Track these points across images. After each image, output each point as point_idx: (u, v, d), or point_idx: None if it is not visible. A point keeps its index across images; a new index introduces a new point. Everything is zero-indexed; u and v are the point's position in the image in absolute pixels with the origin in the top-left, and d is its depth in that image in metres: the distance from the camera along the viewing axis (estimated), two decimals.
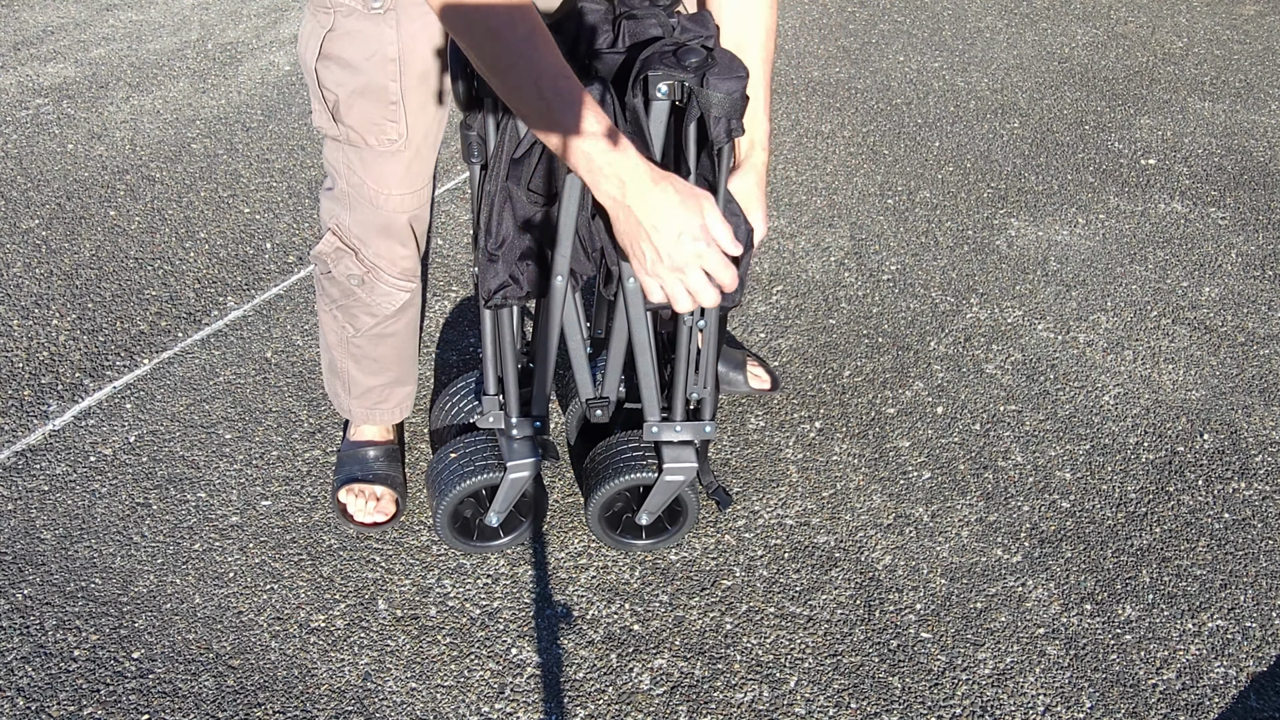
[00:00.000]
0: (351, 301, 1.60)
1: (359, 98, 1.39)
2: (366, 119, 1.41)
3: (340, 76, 1.38)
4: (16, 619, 1.62)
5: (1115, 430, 2.01)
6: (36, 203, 2.61)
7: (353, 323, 1.63)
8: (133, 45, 3.45)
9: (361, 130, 1.42)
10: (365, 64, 1.36)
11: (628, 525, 1.72)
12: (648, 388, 1.58)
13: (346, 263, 1.56)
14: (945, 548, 1.77)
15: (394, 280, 1.58)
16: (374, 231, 1.52)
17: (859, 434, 1.99)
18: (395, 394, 1.77)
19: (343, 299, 1.61)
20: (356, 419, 1.80)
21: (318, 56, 1.38)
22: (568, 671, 1.57)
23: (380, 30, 1.35)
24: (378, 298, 1.59)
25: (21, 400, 2.02)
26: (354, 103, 1.39)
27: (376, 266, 1.56)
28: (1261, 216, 2.64)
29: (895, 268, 2.44)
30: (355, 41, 1.36)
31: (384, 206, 1.49)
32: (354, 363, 1.70)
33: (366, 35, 1.35)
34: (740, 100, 1.28)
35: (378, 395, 1.76)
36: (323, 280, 1.61)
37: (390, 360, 1.70)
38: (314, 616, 1.64)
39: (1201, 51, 3.53)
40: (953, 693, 1.55)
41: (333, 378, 1.77)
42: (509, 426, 1.61)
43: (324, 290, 1.63)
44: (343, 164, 1.48)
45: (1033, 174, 2.81)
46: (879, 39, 3.59)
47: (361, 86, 1.38)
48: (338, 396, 1.78)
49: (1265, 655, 1.62)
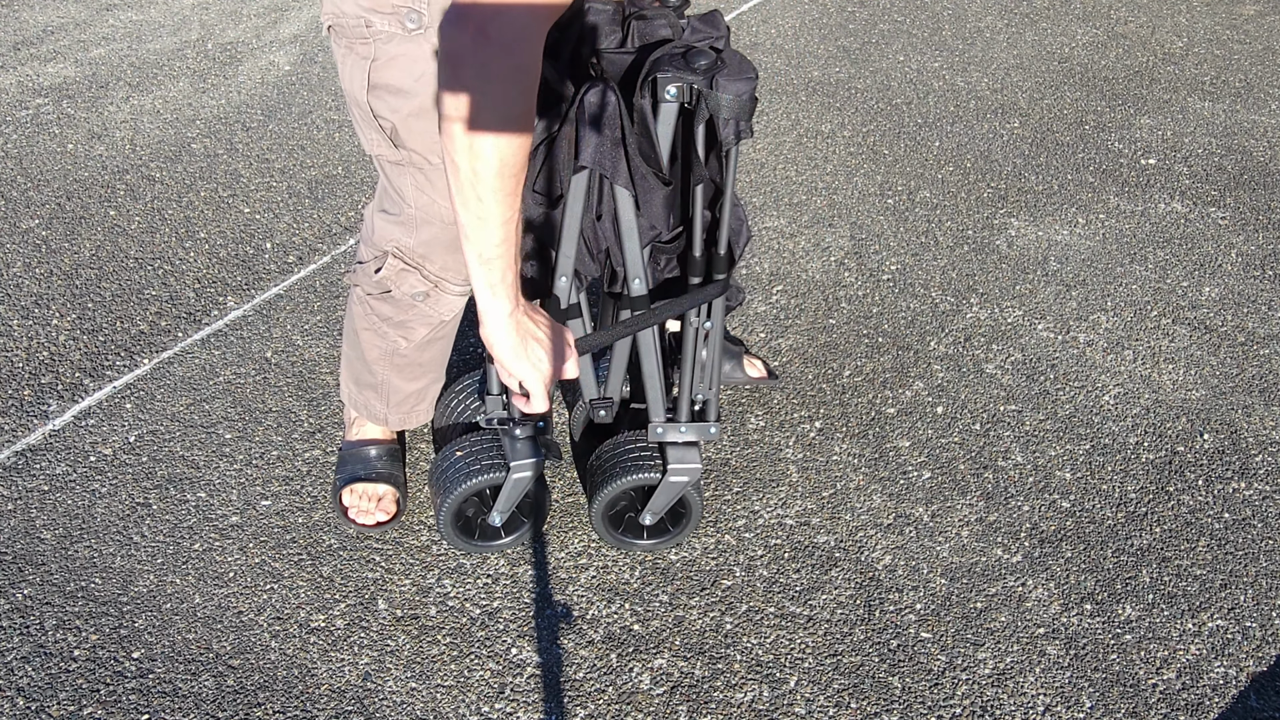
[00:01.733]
0: (411, 316, 1.60)
1: (415, 120, 1.38)
2: (427, 139, 1.40)
3: (394, 103, 1.37)
4: (16, 619, 1.62)
5: (1115, 430, 2.01)
6: (36, 203, 2.61)
7: (407, 335, 1.63)
8: (133, 45, 3.45)
9: (424, 151, 1.41)
10: (415, 86, 1.35)
11: (630, 525, 1.72)
12: (653, 389, 1.58)
13: (411, 281, 1.55)
14: (945, 548, 1.77)
15: (457, 289, 1.58)
16: (442, 248, 1.51)
17: (859, 434, 1.99)
18: (430, 394, 1.78)
19: (399, 316, 1.60)
20: (392, 425, 1.79)
21: (368, 89, 1.37)
22: (568, 671, 1.57)
23: (422, 49, 1.34)
24: (441, 308, 1.59)
25: (21, 400, 2.02)
26: (412, 125, 1.38)
27: (443, 280, 1.55)
28: (1261, 216, 2.64)
29: (895, 268, 2.44)
30: (401, 66, 1.34)
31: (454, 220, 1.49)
32: (397, 372, 1.69)
33: (411, 57, 1.34)
34: (749, 101, 1.28)
35: (416, 399, 1.76)
36: (372, 302, 1.60)
37: (435, 362, 1.71)
38: (314, 616, 1.64)
39: (1201, 51, 3.53)
40: (953, 692, 1.55)
41: (363, 390, 1.75)
42: (511, 426, 1.61)
43: (372, 310, 1.61)
44: (410, 187, 1.47)
45: (1033, 174, 2.81)
46: (879, 39, 3.59)
47: (416, 109, 1.37)
48: (369, 407, 1.77)
49: (1265, 655, 1.62)
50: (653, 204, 1.39)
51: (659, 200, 1.39)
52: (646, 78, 1.30)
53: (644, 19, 1.36)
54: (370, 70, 1.36)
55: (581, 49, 1.39)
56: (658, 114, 1.32)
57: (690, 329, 1.52)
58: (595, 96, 1.29)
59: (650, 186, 1.38)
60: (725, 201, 1.39)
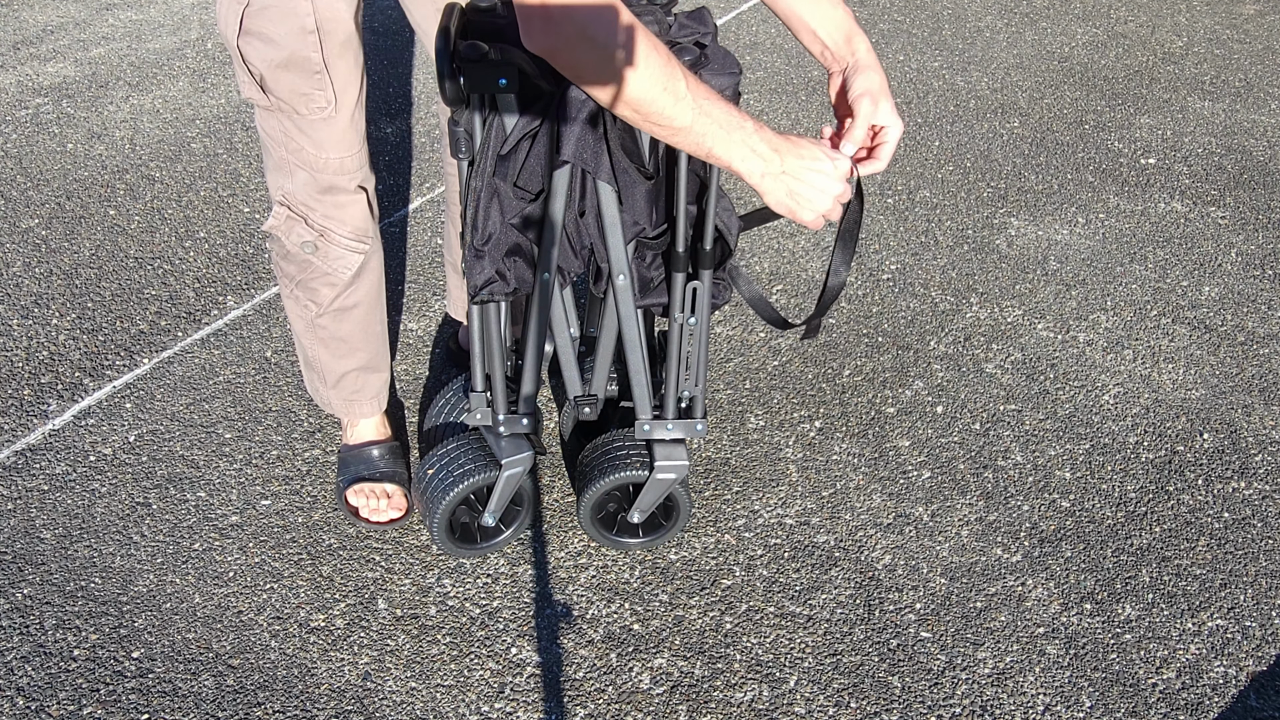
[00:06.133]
0: (310, 274, 1.60)
1: (283, 71, 1.40)
2: (294, 90, 1.42)
3: (263, 50, 1.39)
4: (16, 619, 1.62)
5: (1115, 430, 2.01)
6: (36, 202, 2.61)
7: (314, 298, 1.63)
8: (133, 45, 3.45)
9: (291, 101, 1.43)
10: (285, 37, 1.37)
11: (623, 524, 1.72)
12: (639, 385, 1.57)
13: (298, 230, 1.56)
14: (945, 547, 1.77)
15: (347, 241, 1.58)
16: (318, 193, 1.53)
17: (859, 433, 1.99)
18: (370, 382, 1.77)
19: (300, 274, 1.61)
20: (338, 411, 1.80)
21: (239, 33, 1.39)
22: (567, 671, 1.57)
23: (295, 4, 1.36)
24: (333, 262, 1.59)
25: (21, 400, 2.02)
26: (279, 76, 1.40)
27: (327, 229, 1.56)
28: (1261, 216, 2.64)
29: (895, 267, 2.44)
30: (273, 16, 1.36)
31: (326, 169, 1.51)
32: (323, 346, 1.70)
33: (283, 8, 1.36)
34: (733, 97, 1.28)
35: (353, 383, 1.75)
36: (280, 262, 1.62)
37: (357, 338, 1.71)
38: (314, 616, 1.64)
39: (1201, 51, 3.53)
40: (952, 692, 1.55)
41: (310, 372, 1.77)
42: (496, 424, 1.60)
43: (283, 272, 1.63)
44: (279, 131, 1.49)
45: (1032, 173, 2.81)
46: (879, 39, 3.59)
47: (284, 60, 1.39)
48: (317, 391, 1.79)
49: (1265, 655, 1.62)
50: (636, 199, 1.39)
51: (642, 195, 1.39)
52: None
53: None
54: (244, 14, 1.37)
55: None
56: None
57: (675, 325, 1.52)
58: (577, 91, 1.29)
59: (633, 181, 1.37)
60: (710, 196, 1.39)
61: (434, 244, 2.49)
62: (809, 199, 1.27)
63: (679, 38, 1.34)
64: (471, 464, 1.62)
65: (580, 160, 1.34)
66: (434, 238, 2.51)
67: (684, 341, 1.54)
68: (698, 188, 1.43)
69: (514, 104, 1.31)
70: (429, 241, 2.50)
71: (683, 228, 1.42)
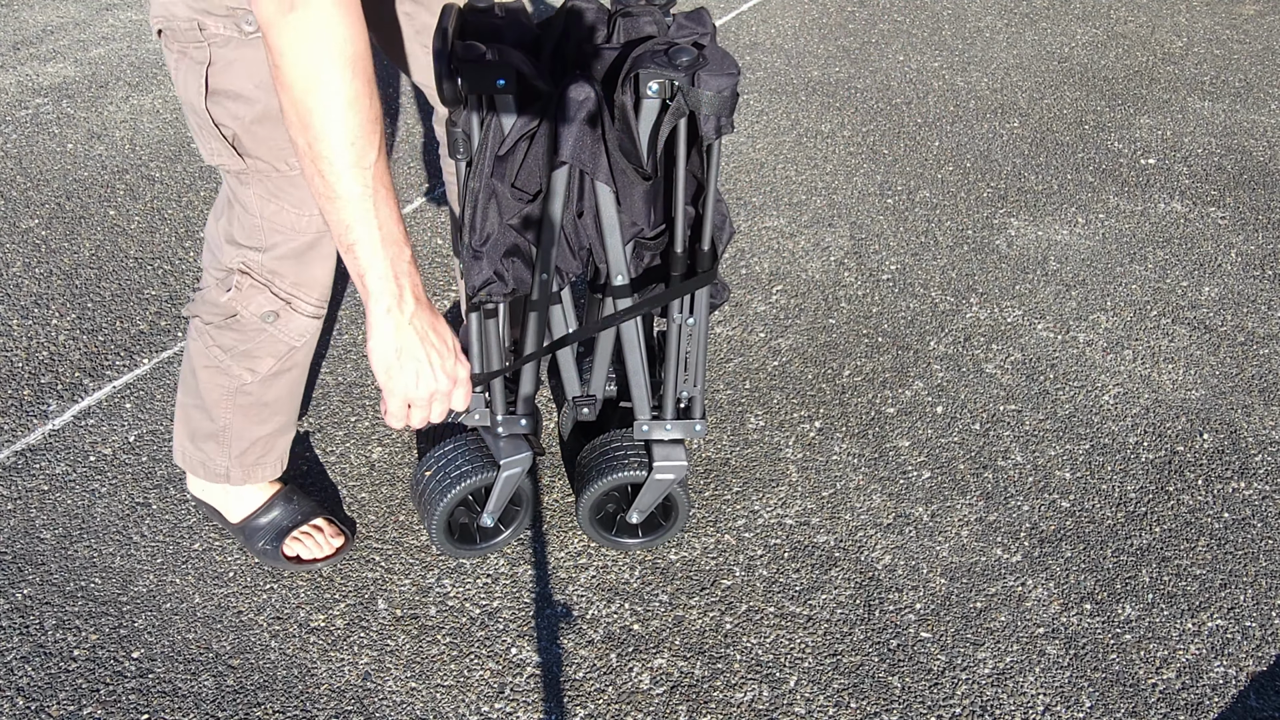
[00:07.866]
0: (258, 344, 1.50)
1: (259, 126, 1.32)
2: (273, 145, 1.34)
3: (235, 109, 1.31)
4: (16, 619, 1.62)
5: (1115, 430, 2.01)
6: (36, 202, 2.61)
7: (253, 367, 1.53)
8: (132, 45, 3.45)
9: (270, 158, 1.35)
10: (256, 92, 1.30)
11: (622, 525, 1.72)
12: (637, 386, 1.58)
13: (260, 300, 1.46)
14: (945, 547, 1.77)
15: (312, 308, 1.50)
16: (292, 259, 1.44)
17: (859, 434, 1.99)
18: (278, 445, 1.67)
19: (244, 345, 1.51)
20: (234, 480, 1.66)
21: (206, 96, 1.31)
22: (567, 671, 1.57)
23: (260, 54, 1.27)
24: (291, 332, 1.51)
25: (21, 400, 2.02)
26: (255, 131, 1.33)
27: (294, 297, 1.47)
28: (1261, 216, 2.64)
29: (895, 267, 2.44)
30: (240, 71, 1.29)
31: (308, 230, 1.42)
32: (241, 414, 1.59)
33: (249, 61, 1.28)
34: (731, 98, 1.28)
35: (261, 448, 1.64)
36: (213, 332, 1.50)
37: (283, 403, 1.61)
38: (314, 616, 1.64)
39: (1201, 51, 3.53)
40: (952, 692, 1.55)
41: (200, 445, 1.63)
42: (494, 424, 1.60)
43: (214, 342, 1.51)
44: (254, 197, 1.39)
45: (1032, 174, 2.81)
46: (879, 39, 3.59)
47: (259, 114, 1.31)
48: (207, 463, 1.64)
49: (1265, 655, 1.62)
50: (633, 199, 1.39)
51: (639, 195, 1.39)
52: (628, 74, 1.30)
53: (630, 16, 1.37)
54: (208, 75, 1.29)
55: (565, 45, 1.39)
56: (639, 110, 1.32)
57: (674, 325, 1.52)
58: (575, 92, 1.29)
59: (630, 182, 1.38)
60: (708, 197, 1.39)
61: (434, 244, 2.49)
62: (412, 371, 1.21)
63: (677, 38, 1.34)
64: (469, 465, 1.62)
65: (578, 161, 1.34)
66: (434, 238, 2.51)
67: (682, 342, 1.54)
68: (695, 189, 1.43)
69: (512, 104, 1.31)
70: (429, 241, 2.50)
71: (680, 229, 1.42)
